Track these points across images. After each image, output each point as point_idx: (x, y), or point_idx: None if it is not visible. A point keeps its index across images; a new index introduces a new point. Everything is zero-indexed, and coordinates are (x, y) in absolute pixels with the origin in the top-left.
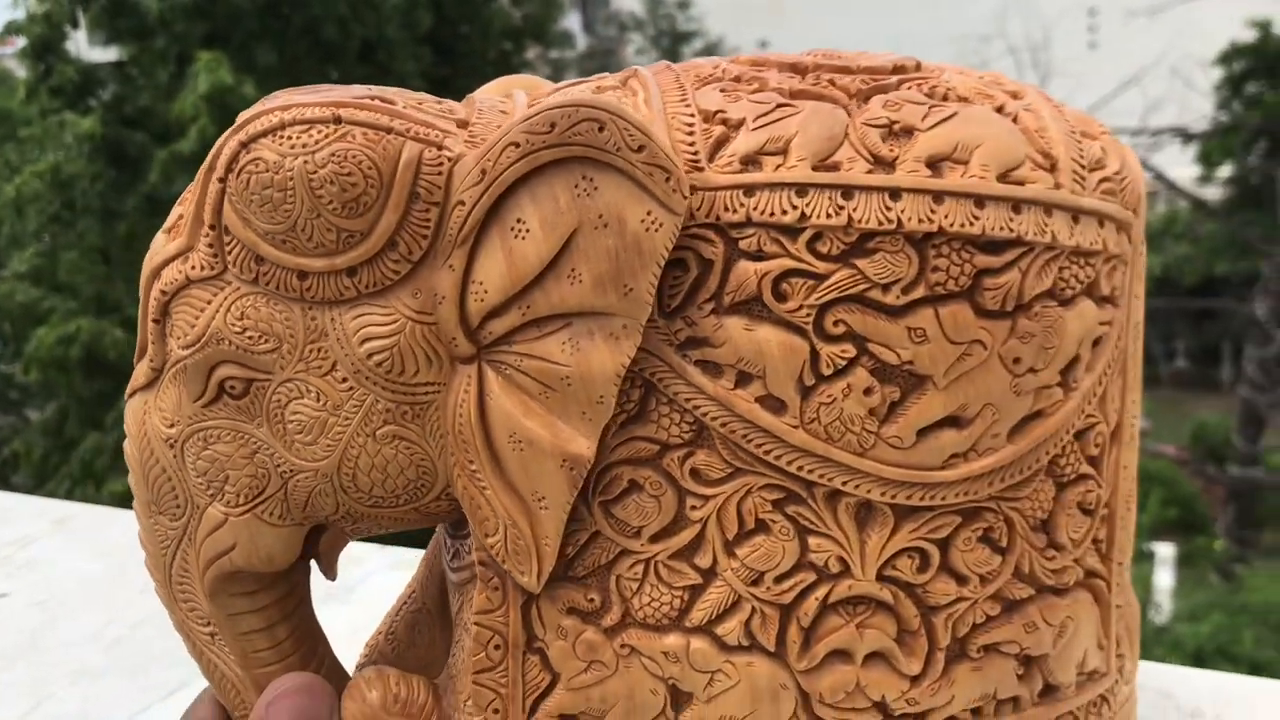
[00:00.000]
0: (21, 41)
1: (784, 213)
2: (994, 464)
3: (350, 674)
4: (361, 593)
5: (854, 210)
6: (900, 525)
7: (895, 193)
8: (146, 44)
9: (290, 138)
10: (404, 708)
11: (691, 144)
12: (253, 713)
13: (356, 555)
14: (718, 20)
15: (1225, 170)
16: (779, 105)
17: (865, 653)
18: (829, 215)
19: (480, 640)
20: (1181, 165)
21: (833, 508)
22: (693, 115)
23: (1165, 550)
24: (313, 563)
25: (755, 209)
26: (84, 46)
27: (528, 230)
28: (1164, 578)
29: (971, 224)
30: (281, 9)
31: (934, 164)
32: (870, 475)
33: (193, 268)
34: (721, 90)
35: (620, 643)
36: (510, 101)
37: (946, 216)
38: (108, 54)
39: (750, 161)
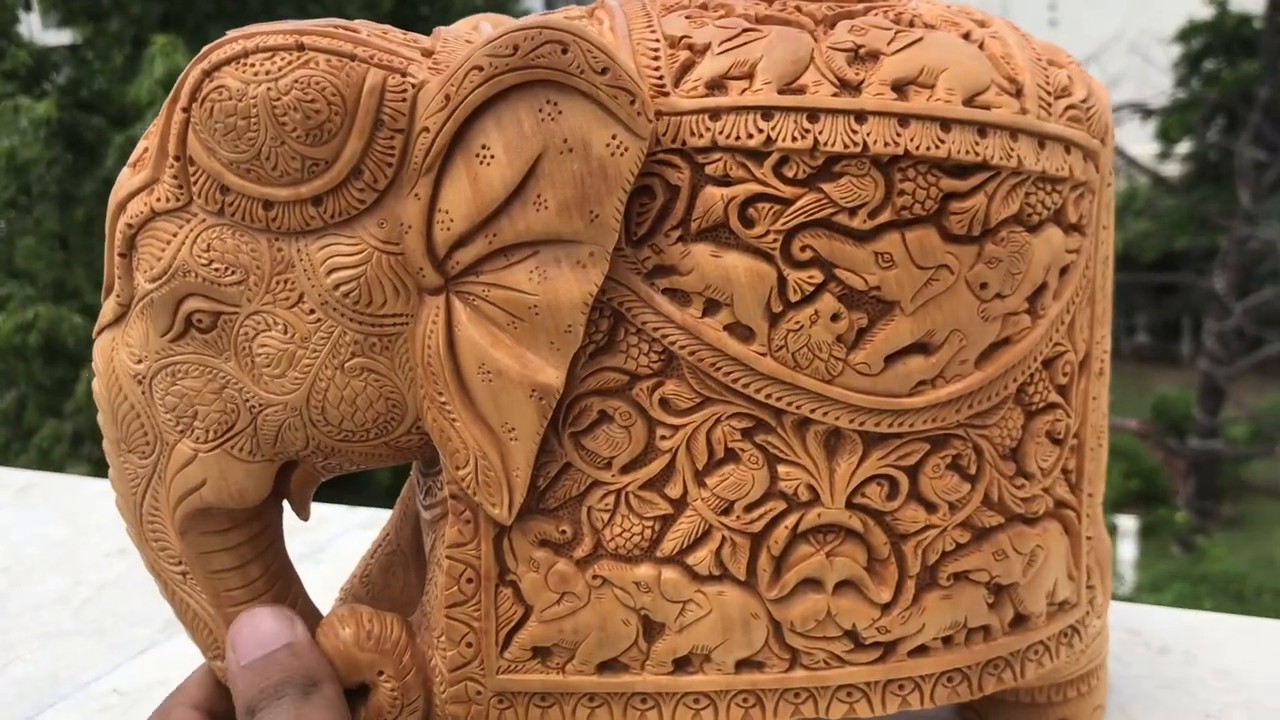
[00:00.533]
0: None
1: (750, 136)
2: (962, 390)
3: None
4: (332, 552)
5: (820, 133)
6: (869, 452)
7: (861, 115)
8: (101, 26)
9: (253, 65)
10: (377, 644)
11: (657, 69)
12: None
13: (325, 515)
14: None
15: (1184, 146)
16: (745, 30)
17: (835, 581)
18: (795, 138)
19: (452, 574)
20: (1141, 142)
21: (801, 436)
22: (658, 40)
23: (1128, 523)
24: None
25: (721, 133)
26: (37, 29)
27: (492, 156)
28: (1127, 549)
29: (937, 147)
30: None
31: (899, 87)
32: (838, 402)
33: (158, 200)
34: (687, 17)
35: (592, 574)
36: (476, 33)
37: (913, 139)
38: (61, 37)
39: (716, 86)
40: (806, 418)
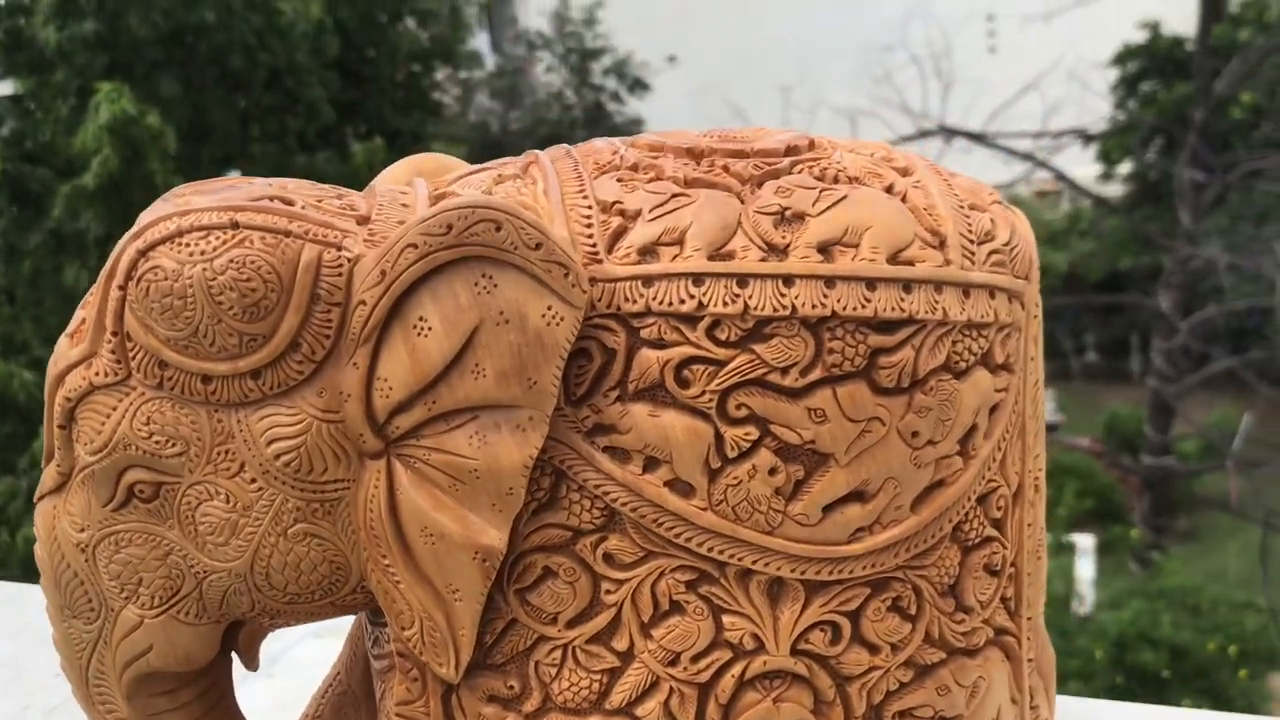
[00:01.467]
0: None
1: (682, 302)
2: (899, 535)
3: None
4: (284, 664)
5: (749, 298)
6: (811, 600)
7: (788, 279)
8: (45, 77)
9: (188, 245)
10: None
11: (590, 236)
12: None
13: None
14: (624, 36)
15: (1124, 167)
16: (674, 195)
17: None
18: (725, 303)
19: None
20: (1083, 164)
21: (745, 586)
22: (590, 206)
23: (1085, 541)
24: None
25: (654, 299)
26: None
27: (430, 328)
28: (1085, 568)
29: (864, 306)
30: (185, 37)
31: (825, 249)
32: (779, 553)
33: (96, 374)
34: (619, 180)
35: None
36: (411, 192)
37: (839, 300)
38: (4, 88)
39: (648, 252)
40: (749, 569)
